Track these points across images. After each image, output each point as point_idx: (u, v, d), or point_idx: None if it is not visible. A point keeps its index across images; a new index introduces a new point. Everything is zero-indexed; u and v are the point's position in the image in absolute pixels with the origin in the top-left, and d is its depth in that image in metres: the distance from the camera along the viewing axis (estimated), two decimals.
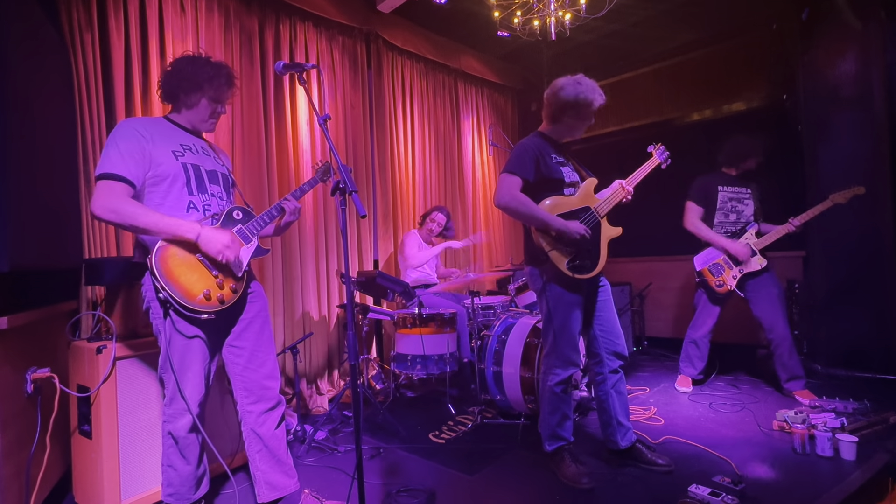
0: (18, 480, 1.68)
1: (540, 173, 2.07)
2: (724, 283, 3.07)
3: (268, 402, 1.84)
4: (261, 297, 1.91)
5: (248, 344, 1.83)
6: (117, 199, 1.56)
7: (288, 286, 3.36)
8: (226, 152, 2.03)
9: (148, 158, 1.65)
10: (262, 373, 1.84)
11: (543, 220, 1.99)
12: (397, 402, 3.27)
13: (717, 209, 3.14)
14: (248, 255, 1.78)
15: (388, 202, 4.10)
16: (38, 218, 1.87)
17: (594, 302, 2.21)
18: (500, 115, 5.43)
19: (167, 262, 1.60)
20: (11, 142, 1.66)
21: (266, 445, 1.83)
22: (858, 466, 2.08)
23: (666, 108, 4.75)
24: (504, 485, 2.10)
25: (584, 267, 2.06)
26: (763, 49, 4.10)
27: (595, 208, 2.13)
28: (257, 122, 3.21)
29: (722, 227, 3.15)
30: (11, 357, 1.66)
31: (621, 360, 2.21)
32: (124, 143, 1.62)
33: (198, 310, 1.60)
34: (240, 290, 1.75)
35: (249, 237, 1.79)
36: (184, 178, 1.71)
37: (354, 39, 3.89)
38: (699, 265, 3.18)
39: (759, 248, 3.03)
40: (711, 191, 3.15)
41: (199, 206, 1.74)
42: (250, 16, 3.25)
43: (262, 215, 1.84)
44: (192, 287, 1.61)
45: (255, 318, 1.86)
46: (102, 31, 2.56)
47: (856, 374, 3.36)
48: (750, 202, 3.14)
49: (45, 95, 2.05)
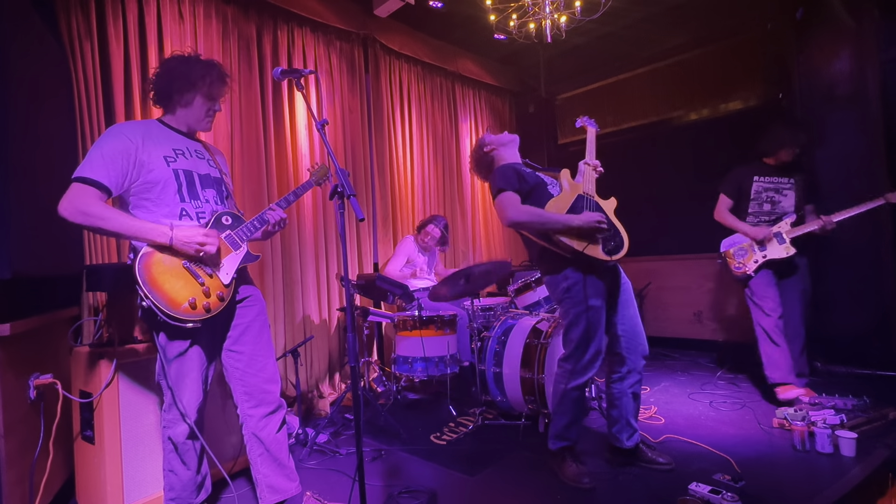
0: (22, 486, 1.69)
1: (524, 183, 2.13)
2: (744, 265, 3.07)
3: (268, 405, 1.84)
4: (258, 301, 1.90)
5: (246, 348, 1.82)
6: (85, 201, 1.51)
7: (288, 290, 3.37)
8: (222, 153, 2.02)
9: (136, 165, 1.61)
10: (262, 377, 1.83)
11: (563, 222, 1.99)
12: (398, 404, 3.27)
13: (750, 199, 3.12)
14: (236, 262, 1.74)
15: (387, 205, 4.11)
16: (39, 225, 1.87)
17: (616, 301, 2.20)
18: (498, 118, 5.45)
19: (151, 269, 1.55)
20: (13, 150, 1.67)
21: (267, 449, 1.83)
22: (858, 463, 2.09)
23: (662, 108, 4.77)
24: (505, 486, 2.11)
25: (618, 245, 2.08)
26: (758, 49, 4.12)
27: (585, 192, 2.16)
28: (256, 127, 3.23)
29: (756, 217, 3.12)
30: (14, 363, 1.67)
31: (644, 360, 2.19)
32: (109, 148, 1.58)
33: (182, 318, 1.55)
34: (227, 297, 1.70)
35: (238, 243, 1.76)
36: (175, 184, 1.68)
37: (352, 44, 3.91)
38: (724, 247, 3.19)
39: (790, 236, 2.99)
40: (745, 181, 3.13)
41: (191, 213, 1.71)
42: (248, 22, 3.27)
43: (253, 220, 1.80)
44: (177, 295, 1.56)
45: (252, 322, 1.85)
46: (102, 39, 2.59)
47: (856, 371, 3.37)
48: (790, 193, 3.08)
49: (46, 103, 2.06)
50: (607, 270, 2.13)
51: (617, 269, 2.22)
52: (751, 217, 3.14)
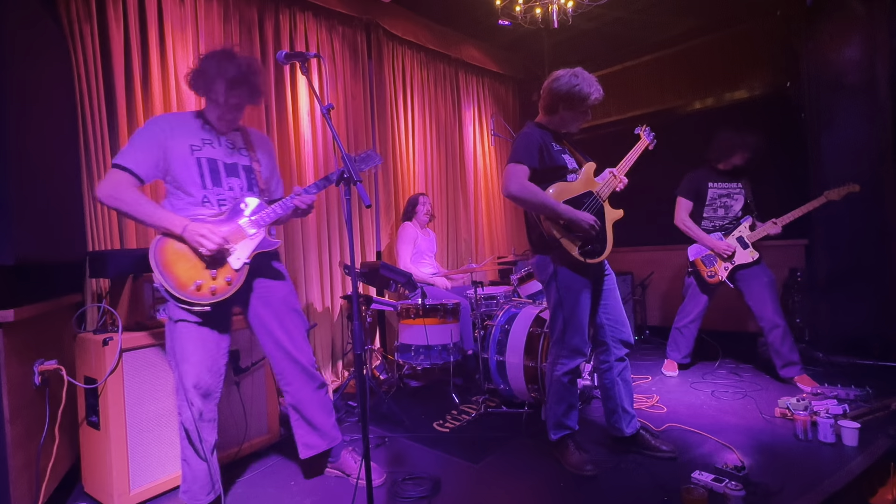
0: (29, 471, 1.70)
1: (544, 162, 2.06)
2: (716, 273, 3.14)
3: (306, 377, 1.95)
4: (280, 286, 1.96)
5: (274, 326, 1.89)
6: (119, 187, 1.64)
7: (291, 277, 3.35)
8: (270, 145, 2.05)
9: (163, 152, 1.71)
10: (292, 353, 1.92)
11: (553, 209, 1.99)
12: (401, 392, 3.28)
13: (705, 205, 3.19)
14: (250, 248, 1.77)
15: (389, 193, 4.09)
16: (42, 211, 1.86)
17: (600, 290, 2.22)
18: (501, 105, 5.40)
19: (165, 252, 1.65)
20: (13, 135, 1.65)
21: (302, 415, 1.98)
22: (860, 452, 2.10)
23: (668, 96, 4.73)
24: (508, 473, 2.12)
25: (594, 251, 2.07)
26: (767, 36, 4.07)
27: (597, 192, 2.13)
28: (258, 112, 3.20)
29: (711, 223, 3.19)
30: (18, 349, 1.67)
31: (627, 348, 2.22)
32: (140, 137, 1.72)
33: (189, 301, 1.63)
34: (235, 282, 1.74)
35: (255, 229, 1.79)
36: (197, 171, 1.75)
37: (354, 29, 3.86)
38: (692, 255, 3.26)
39: (751, 241, 3.06)
40: (702, 187, 3.19)
41: (212, 199, 1.77)
42: (249, 6, 3.22)
43: (275, 207, 1.82)
44: (184, 277, 1.64)
45: (281, 303, 1.92)
46: (101, 23, 2.55)
47: (857, 361, 3.37)
48: (740, 197, 3.16)
49: (46, 87, 2.04)
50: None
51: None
52: (706, 222, 3.21)
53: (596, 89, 2.08)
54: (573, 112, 2.11)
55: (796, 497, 1.79)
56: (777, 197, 3.39)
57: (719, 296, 3.30)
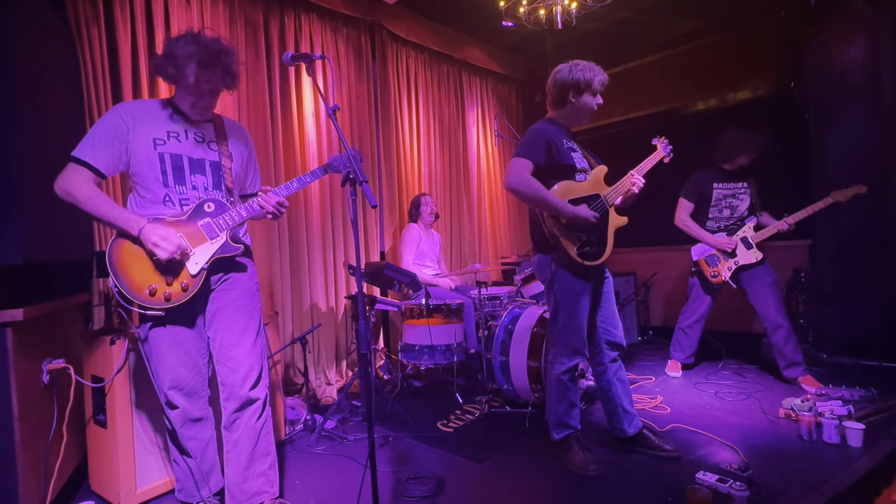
0: (36, 469, 1.72)
1: (551, 158, 2.06)
2: (719, 273, 3.14)
3: (236, 400, 1.72)
4: (237, 285, 1.77)
5: (217, 335, 1.73)
6: (74, 182, 1.52)
7: (296, 277, 3.38)
8: (245, 136, 1.89)
9: (124, 145, 1.59)
10: (229, 366, 1.73)
11: (554, 206, 1.99)
12: (405, 391, 3.30)
13: (710, 205, 3.19)
14: (209, 252, 1.64)
15: (393, 193, 4.10)
16: (49, 211, 1.88)
17: (599, 293, 2.23)
18: (505, 106, 5.41)
19: (121, 252, 1.55)
20: (21, 136, 1.67)
21: (234, 446, 1.73)
22: (865, 453, 2.09)
23: (671, 97, 4.72)
24: (512, 472, 2.12)
25: (593, 254, 2.07)
26: (771, 36, 4.06)
27: (605, 196, 2.14)
28: (263, 114, 3.22)
29: (716, 223, 3.20)
30: (27, 348, 1.69)
31: (618, 350, 2.25)
32: (100, 128, 1.58)
33: (142, 304, 1.54)
34: (192, 287, 1.62)
35: (217, 232, 1.66)
36: (159, 168, 1.61)
37: (359, 31, 3.88)
38: (696, 255, 3.27)
39: (756, 241, 3.06)
40: (706, 188, 3.19)
41: (174, 199, 1.64)
42: (255, 8, 3.24)
43: (239, 209, 1.69)
44: (139, 280, 1.54)
45: (225, 307, 1.74)
46: (109, 25, 2.57)
47: (862, 362, 3.36)
48: (745, 197, 3.16)
49: (54, 88, 2.06)
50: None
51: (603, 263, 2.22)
52: (711, 222, 3.21)
53: (598, 71, 2.10)
54: (583, 98, 2.11)
55: (800, 498, 1.79)
56: (781, 197, 3.38)
57: (723, 296, 3.31)
